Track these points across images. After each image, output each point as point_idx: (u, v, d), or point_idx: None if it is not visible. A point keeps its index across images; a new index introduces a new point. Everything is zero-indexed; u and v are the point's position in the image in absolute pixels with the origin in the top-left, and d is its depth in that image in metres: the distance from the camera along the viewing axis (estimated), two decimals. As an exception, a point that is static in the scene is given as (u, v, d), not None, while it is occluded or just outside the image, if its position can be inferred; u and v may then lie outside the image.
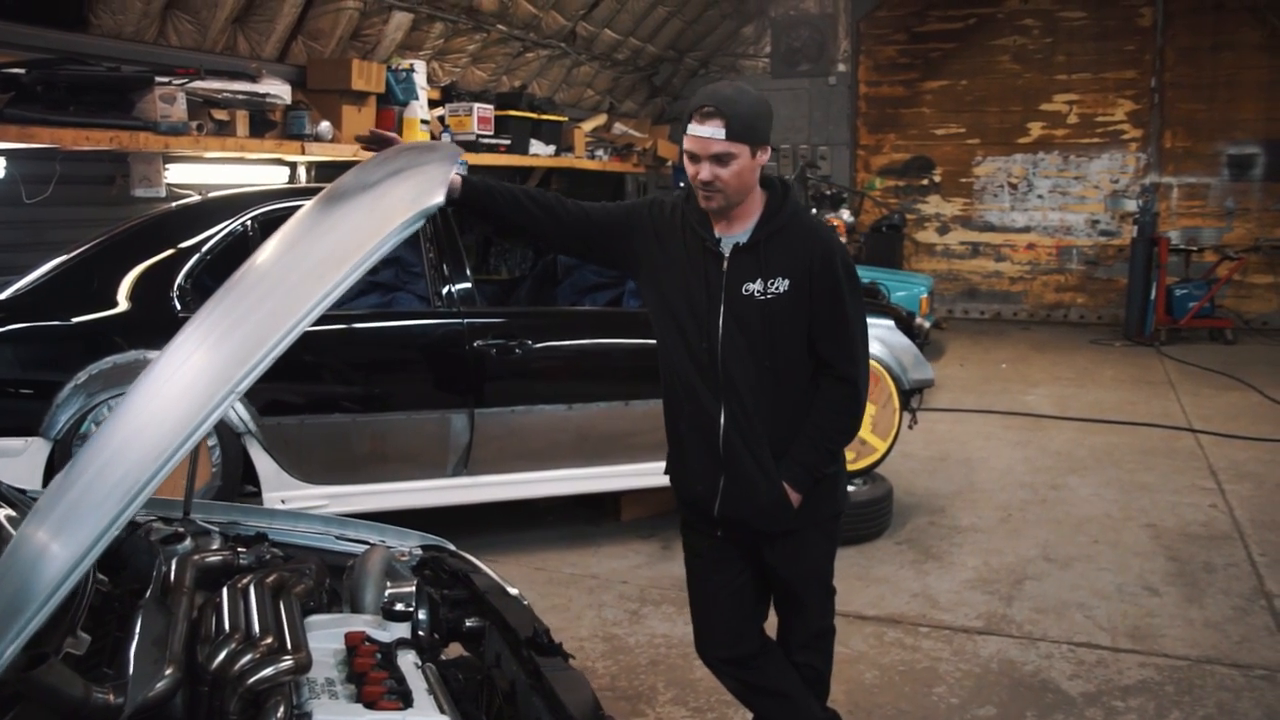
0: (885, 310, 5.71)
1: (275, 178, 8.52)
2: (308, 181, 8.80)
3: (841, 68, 13.67)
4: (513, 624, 2.54)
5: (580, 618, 4.34)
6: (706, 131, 2.46)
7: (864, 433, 5.24)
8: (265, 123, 7.76)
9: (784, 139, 13.85)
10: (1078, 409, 8.05)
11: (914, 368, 5.44)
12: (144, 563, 2.47)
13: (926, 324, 8.92)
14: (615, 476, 5.07)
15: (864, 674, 3.80)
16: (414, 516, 4.92)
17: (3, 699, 1.69)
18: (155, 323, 4.38)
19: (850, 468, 5.12)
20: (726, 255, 2.60)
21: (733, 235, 2.61)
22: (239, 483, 4.54)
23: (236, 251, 4.62)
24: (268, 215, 4.68)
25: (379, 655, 2.14)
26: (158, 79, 6.52)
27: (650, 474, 5.03)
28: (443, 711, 1.97)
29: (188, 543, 2.58)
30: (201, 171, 7.72)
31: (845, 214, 12.77)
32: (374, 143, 2.62)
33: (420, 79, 9.32)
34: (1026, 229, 13.20)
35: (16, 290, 4.47)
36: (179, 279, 4.48)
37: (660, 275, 2.68)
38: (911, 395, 5.57)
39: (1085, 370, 9.76)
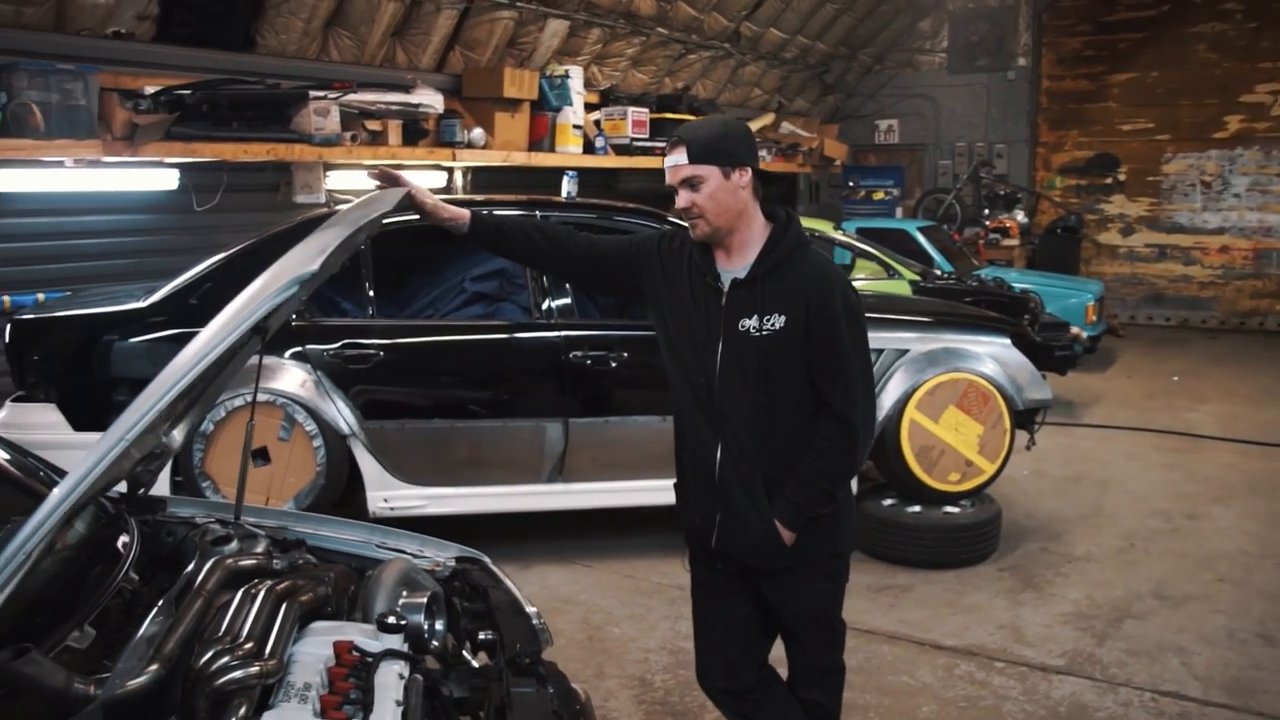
0: (1002, 326, 5.46)
1: (432, 182, 8.94)
2: (464, 186, 9.20)
3: (1021, 61, 13.11)
4: (506, 641, 2.64)
5: (654, 628, 4.39)
6: (672, 160, 2.56)
7: (970, 453, 5.06)
8: (418, 131, 8.15)
9: (959, 136, 13.42)
10: (1244, 430, 7.45)
11: (1029, 387, 5.20)
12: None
13: (1085, 333, 8.45)
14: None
15: (921, 707, 3.70)
16: (515, 519, 5.12)
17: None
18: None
19: (955, 488, 5.04)
20: (725, 290, 2.60)
21: (733, 270, 2.61)
22: (343, 482, 4.82)
23: (351, 262, 4.90)
24: (382, 228, 4.92)
25: (359, 664, 2.26)
26: (312, 94, 6.97)
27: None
28: (393, 726, 2.06)
29: (234, 545, 2.78)
30: (360, 178, 8.18)
31: (1019, 215, 12.28)
32: (384, 180, 2.74)
33: (576, 84, 9.54)
34: (1220, 230, 12.30)
35: (168, 292, 4.85)
36: (296, 288, 4.78)
37: (665, 309, 2.70)
38: (1032, 415, 5.33)
39: (1266, 386, 9.01)
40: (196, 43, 6.84)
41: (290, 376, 4.70)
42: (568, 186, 5.67)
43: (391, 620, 2.45)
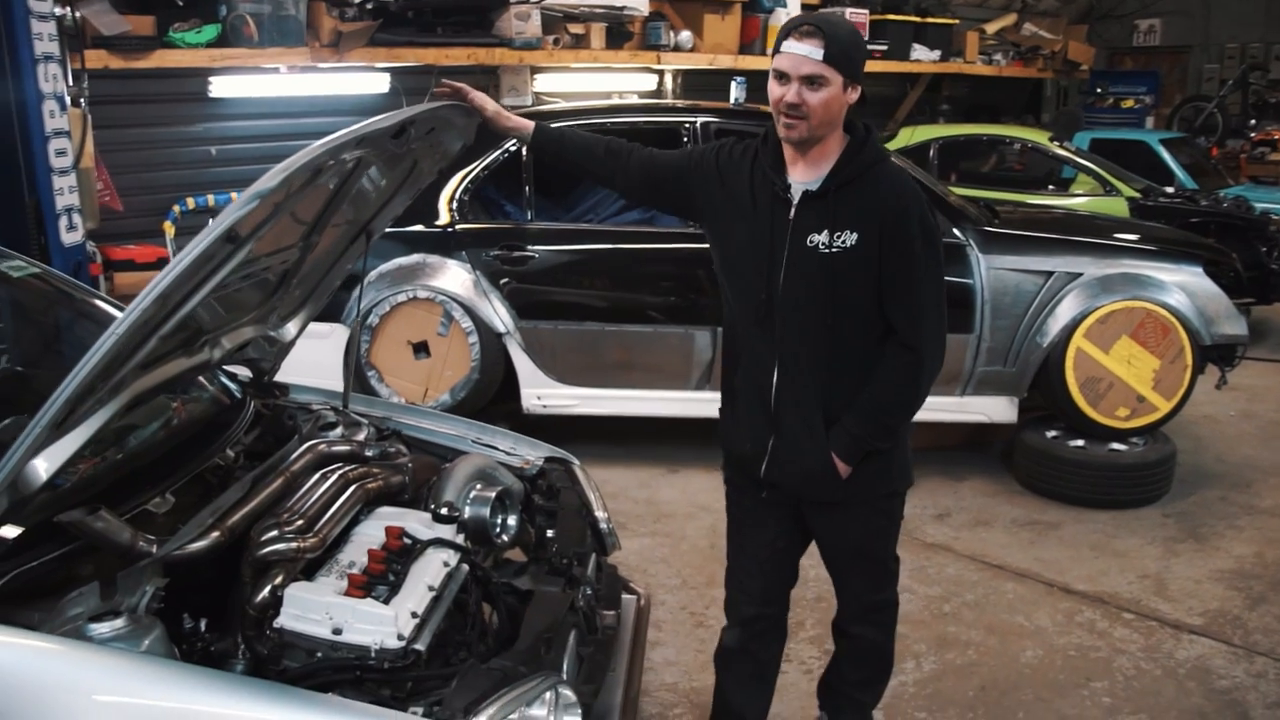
0: (1196, 253, 4.96)
1: (640, 85, 8.99)
2: (674, 89, 9.19)
3: (1317, -53, 11.54)
4: (554, 540, 2.75)
5: (778, 543, 4.40)
6: (804, 50, 2.30)
7: (1143, 389, 4.68)
8: (623, 34, 8.20)
9: (1231, 37, 12.06)
10: None
11: (1221, 321, 4.72)
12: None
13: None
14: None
15: (1025, 651, 3.54)
16: (670, 424, 5.20)
17: (67, 537, 2.13)
18: (434, 231, 4.98)
19: (1123, 424, 4.73)
20: (795, 202, 2.43)
21: (805, 182, 2.44)
22: (499, 378, 5.06)
23: (508, 169, 5.07)
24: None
25: (402, 549, 2.43)
26: (513, -1, 7.13)
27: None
28: (414, 608, 2.22)
29: (339, 430, 3.02)
30: (566, 80, 8.36)
31: (1291, 126, 10.95)
32: (451, 95, 2.72)
33: (793, -16, 9.26)
34: None
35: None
36: (456, 192, 5.01)
37: (722, 221, 2.57)
38: (1229, 352, 4.86)
39: None
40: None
41: (450, 275, 4.95)
42: (736, 93, 5.57)
43: (444, 511, 2.60)
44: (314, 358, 3.45)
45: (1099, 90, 11.92)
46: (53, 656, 1.87)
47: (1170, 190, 7.92)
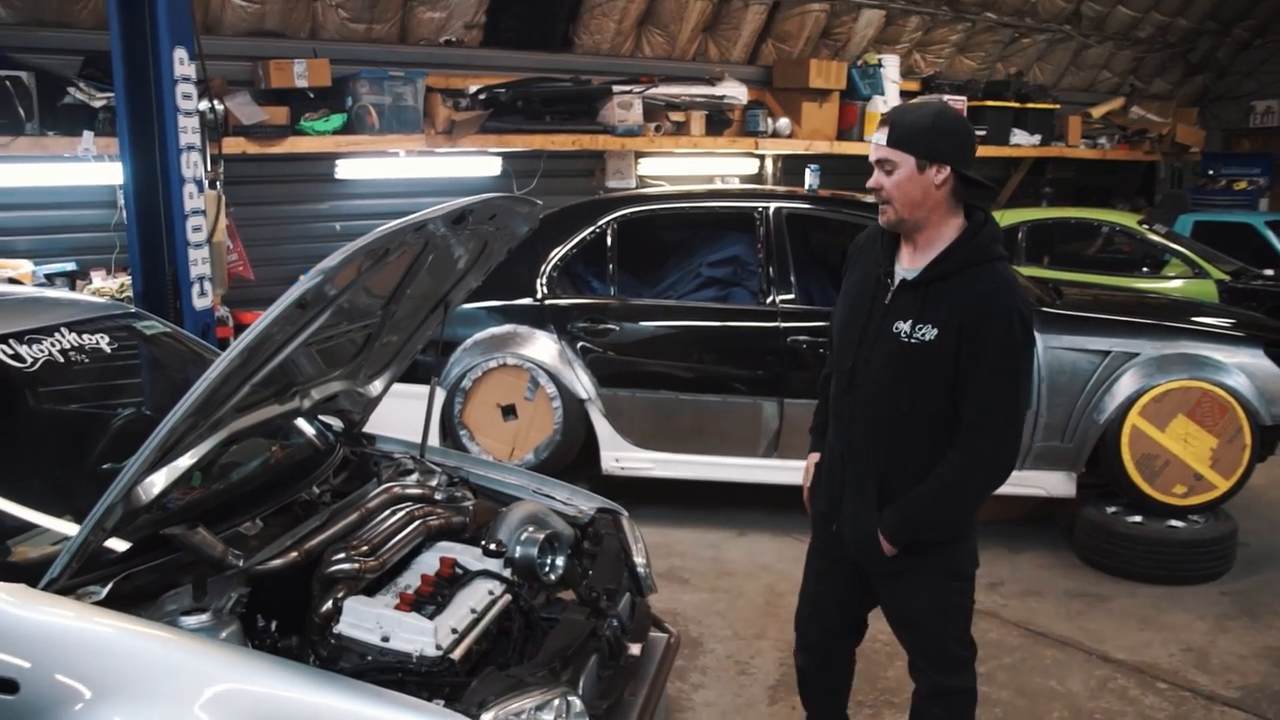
0: (1258, 336, 5.02)
1: (741, 169, 9.41)
2: (774, 173, 9.57)
3: None
4: (588, 580, 3.06)
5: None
6: (876, 138, 2.54)
7: (1200, 467, 4.76)
8: (723, 121, 8.65)
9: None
10: None
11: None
12: (381, 485, 3.33)
13: None
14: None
15: (1052, 713, 3.66)
16: (742, 489, 5.47)
17: (170, 548, 2.57)
18: (525, 304, 5.43)
19: (1180, 502, 4.84)
20: (893, 288, 2.62)
21: (909, 269, 2.60)
22: (580, 441, 5.43)
23: (594, 250, 5.51)
24: (623, 218, 5.50)
25: (452, 576, 2.79)
26: (616, 89, 7.67)
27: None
28: (455, 625, 2.58)
29: (414, 476, 3.44)
30: (670, 164, 8.84)
31: None
32: None
33: (891, 72, 9.61)
34: None
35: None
36: (547, 269, 5.46)
37: (840, 298, 2.80)
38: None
39: None
40: (519, 45, 7.74)
41: (538, 344, 5.37)
42: (810, 179, 5.91)
43: (493, 547, 2.97)
44: (413, 417, 3.84)
45: (1210, 172, 11.83)
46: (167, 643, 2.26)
47: (1269, 273, 7.87)
